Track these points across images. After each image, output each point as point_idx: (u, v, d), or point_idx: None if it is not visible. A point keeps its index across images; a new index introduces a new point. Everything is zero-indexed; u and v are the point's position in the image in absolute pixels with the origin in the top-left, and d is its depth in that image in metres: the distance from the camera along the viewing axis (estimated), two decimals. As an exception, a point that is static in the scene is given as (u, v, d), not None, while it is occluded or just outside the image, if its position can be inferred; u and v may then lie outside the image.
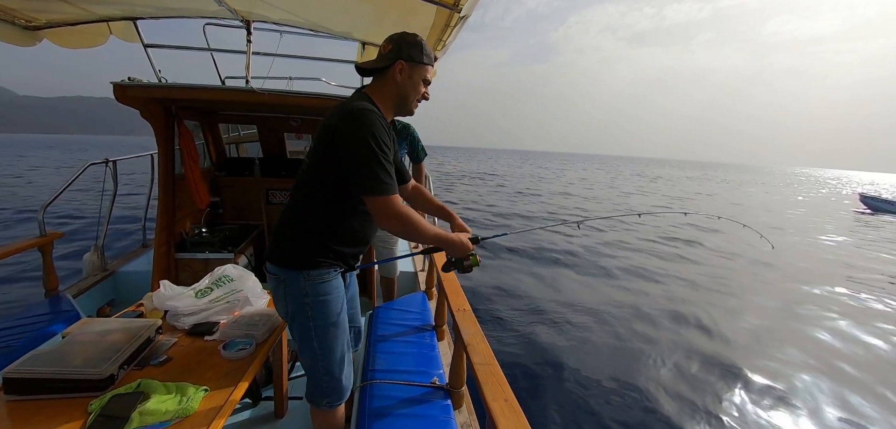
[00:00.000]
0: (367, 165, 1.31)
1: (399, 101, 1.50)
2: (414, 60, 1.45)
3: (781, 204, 24.63)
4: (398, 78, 1.45)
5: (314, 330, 1.47)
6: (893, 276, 9.12)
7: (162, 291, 1.86)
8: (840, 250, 11.79)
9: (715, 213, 8.60)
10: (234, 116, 4.18)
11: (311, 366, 1.54)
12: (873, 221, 18.85)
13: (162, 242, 3.13)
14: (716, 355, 4.92)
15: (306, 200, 1.46)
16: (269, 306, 2.02)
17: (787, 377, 4.52)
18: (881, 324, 6.25)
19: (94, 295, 3.21)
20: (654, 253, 9.94)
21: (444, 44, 2.82)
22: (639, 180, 39.26)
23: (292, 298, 1.46)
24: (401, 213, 1.37)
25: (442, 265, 1.69)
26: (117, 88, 2.66)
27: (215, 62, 3.87)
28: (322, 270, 1.46)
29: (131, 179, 12.20)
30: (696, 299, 6.87)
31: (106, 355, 1.39)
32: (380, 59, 1.48)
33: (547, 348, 4.92)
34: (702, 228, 13.01)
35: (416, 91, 1.51)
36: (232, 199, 4.08)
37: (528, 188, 25.29)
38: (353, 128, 1.32)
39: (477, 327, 1.82)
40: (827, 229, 15.48)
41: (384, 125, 1.38)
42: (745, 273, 8.76)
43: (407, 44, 1.45)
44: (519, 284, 7.02)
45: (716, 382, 4.34)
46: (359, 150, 1.31)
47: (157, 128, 3.06)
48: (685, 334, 5.48)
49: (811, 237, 13.56)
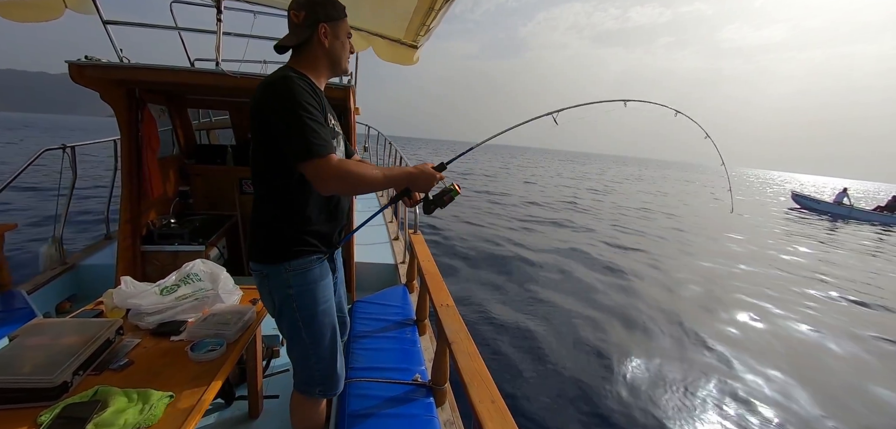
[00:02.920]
0: (291, 129, 1.24)
1: (331, 64, 1.46)
2: (333, 18, 1.41)
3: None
4: (325, 42, 1.40)
5: (302, 321, 1.42)
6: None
7: (123, 288, 1.73)
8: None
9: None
10: (204, 101, 3.98)
11: (301, 358, 1.49)
12: (799, 217, 20.92)
13: (126, 234, 2.95)
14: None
15: (267, 188, 1.39)
16: (242, 303, 1.92)
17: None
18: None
19: (51, 290, 3.01)
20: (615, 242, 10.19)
21: (427, 28, 2.72)
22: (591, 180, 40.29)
23: (277, 292, 1.41)
24: (340, 170, 1.25)
25: (422, 207, 1.57)
26: (73, 68, 2.46)
27: (183, 42, 3.66)
28: (303, 259, 1.39)
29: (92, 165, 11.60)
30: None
31: (58, 359, 1.27)
32: (297, 30, 1.40)
33: (527, 341, 4.95)
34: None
35: (345, 48, 1.47)
36: (203, 188, 3.89)
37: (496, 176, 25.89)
38: (272, 99, 1.27)
39: (461, 323, 1.78)
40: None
41: (306, 87, 1.30)
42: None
43: (320, 4, 1.39)
44: (476, 292, 6.96)
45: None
46: (282, 118, 1.25)
47: (119, 112, 2.86)
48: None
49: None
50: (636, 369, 4.53)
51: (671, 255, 10.04)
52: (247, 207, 3.93)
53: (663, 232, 13.00)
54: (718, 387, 4.35)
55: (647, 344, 5.16)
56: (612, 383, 4.22)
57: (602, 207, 17.74)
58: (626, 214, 16.24)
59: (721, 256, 10.27)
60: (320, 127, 1.27)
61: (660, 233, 12.80)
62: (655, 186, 34.65)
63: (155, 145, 3.13)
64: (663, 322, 5.85)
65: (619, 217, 15.16)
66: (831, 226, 18.56)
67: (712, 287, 7.67)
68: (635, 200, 21.94)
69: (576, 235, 11.21)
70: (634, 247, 10.39)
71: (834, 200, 23.00)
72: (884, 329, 6.49)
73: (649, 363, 4.66)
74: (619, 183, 33.19)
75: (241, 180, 3.89)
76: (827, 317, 6.84)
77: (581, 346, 4.94)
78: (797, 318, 6.61)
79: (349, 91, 2.80)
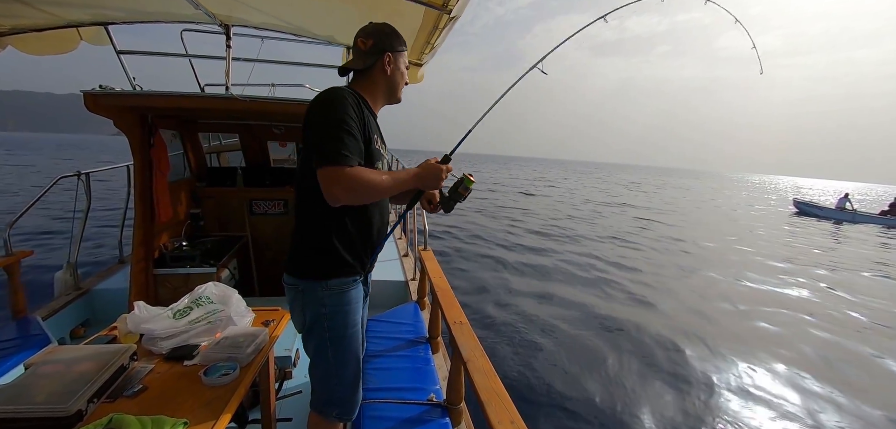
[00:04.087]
0: (318, 135, 1.25)
1: (389, 91, 1.51)
2: (397, 50, 1.48)
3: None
4: (388, 70, 1.46)
5: (330, 341, 1.43)
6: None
7: (137, 313, 1.73)
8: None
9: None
10: (214, 125, 4.04)
11: (323, 378, 1.49)
12: (798, 221, 21.22)
13: (139, 258, 2.97)
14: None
15: (310, 203, 1.39)
16: (254, 325, 1.91)
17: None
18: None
19: (66, 316, 3.03)
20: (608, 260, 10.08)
21: (432, 46, 2.75)
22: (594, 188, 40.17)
23: (310, 309, 1.41)
24: (349, 178, 1.23)
25: (443, 207, 1.56)
26: (88, 98, 2.51)
27: (194, 68, 3.73)
28: (341, 279, 1.40)
29: (106, 191, 11.81)
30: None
31: (73, 387, 1.26)
32: (363, 56, 1.45)
33: (538, 359, 4.87)
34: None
35: (403, 77, 1.53)
36: (213, 210, 3.93)
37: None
38: (315, 109, 1.30)
39: (476, 341, 1.75)
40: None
41: (352, 102, 1.31)
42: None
43: (387, 35, 1.46)
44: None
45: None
46: (314, 127, 1.27)
47: (132, 138, 2.91)
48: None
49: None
50: (675, 382, 4.42)
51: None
52: (256, 228, 3.95)
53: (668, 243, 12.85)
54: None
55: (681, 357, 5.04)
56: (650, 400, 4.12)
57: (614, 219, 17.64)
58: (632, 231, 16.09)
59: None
60: (347, 137, 1.26)
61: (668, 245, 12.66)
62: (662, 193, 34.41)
63: (165, 169, 3.18)
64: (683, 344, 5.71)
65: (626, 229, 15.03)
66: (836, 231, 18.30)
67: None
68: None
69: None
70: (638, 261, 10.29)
71: (836, 206, 22.78)
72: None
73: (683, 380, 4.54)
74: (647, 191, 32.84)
75: (251, 202, 3.92)
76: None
77: (601, 362, 4.84)
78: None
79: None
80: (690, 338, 5.56)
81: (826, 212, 23.28)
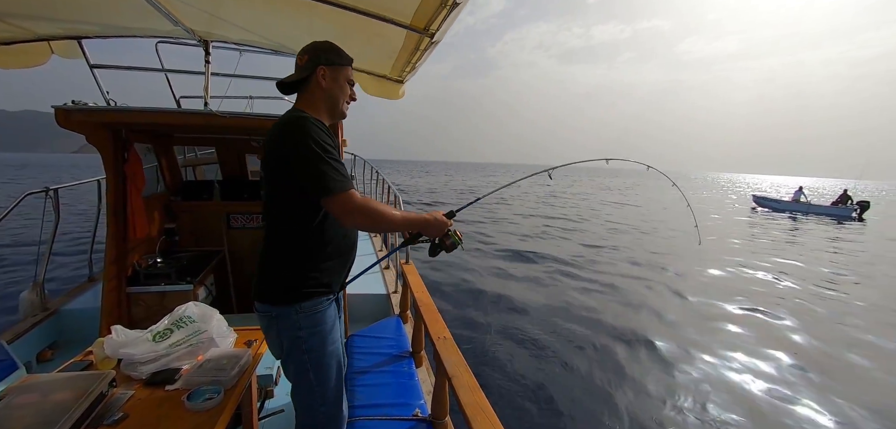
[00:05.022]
0: (315, 167, 1.28)
1: (330, 106, 1.51)
2: (333, 63, 1.48)
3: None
4: (323, 83, 1.46)
5: (310, 363, 1.43)
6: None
7: (114, 337, 1.69)
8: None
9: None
10: (191, 139, 3.97)
11: (306, 400, 1.49)
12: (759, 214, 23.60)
13: (111, 276, 2.88)
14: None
15: (279, 228, 1.41)
16: (236, 346, 1.89)
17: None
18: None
19: (32, 338, 2.91)
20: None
21: (412, 65, 2.79)
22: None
23: (286, 334, 1.41)
24: (363, 205, 1.33)
25: (429, 250, 1.62)
26: (60, 113, 2.44)
27: (170, 83, 3.67)
28: (313, 301, 1.41)
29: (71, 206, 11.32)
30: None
31: (51, 418, 1.23)
32: (299, 71, 1.48)
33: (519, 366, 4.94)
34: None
35: (344, 92, 1.52)
36: (189, 224, 3.84)
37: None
38: (290, 138, 1.32)
39: (459, 356, 1.78)
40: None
41: (322, 127, 1.36)
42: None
43: (323, 50, 1.48)
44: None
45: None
46: (302, 157, 1.29)
47: (105, 153, 2.83)
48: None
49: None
50: (650, 388, 4.56)
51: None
52: (234, 241, 3.89)
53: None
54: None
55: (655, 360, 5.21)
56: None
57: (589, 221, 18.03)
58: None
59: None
60: (339, 164, 1.32)
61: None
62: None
63: (140, 184, 3.10)
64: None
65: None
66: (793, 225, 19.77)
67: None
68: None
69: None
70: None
71: (792, 198, 24.75)
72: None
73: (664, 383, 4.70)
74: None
75: (229, 215, 3.86)
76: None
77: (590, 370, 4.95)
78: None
79: (337, 124, 2.84)
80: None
81: (782, 205, 25.31)
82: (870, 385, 4.87)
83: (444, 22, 1.81)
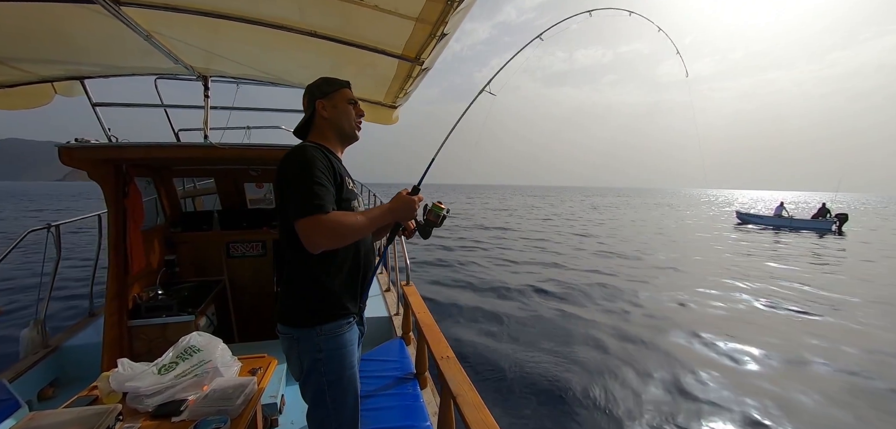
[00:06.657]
0: (293, 191, 1.33)
1: (338, 131, 1.58)
2: (327, 93, 1.56)
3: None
4: (325, 114, 1.55)
5: (328, 386, 1.44)
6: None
7: (120, 371, 1.71)
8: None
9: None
10: (190, 171, 4.01)
11: (322, 423, 1.49)
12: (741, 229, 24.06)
13: (113, 310, 2.88)
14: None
15: (295, 252, 1.43)
16: (241, 375, 1.90)
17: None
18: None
19: (33, 376, 2.89)
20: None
21: (405, 92, 2.86)
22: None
23: (306, 356, 1.43)
24: (329, 225, 1.29)
25: (420, 234, 1.62)
26: (63, 152, 2.49)
27: (169, 117, 3.73)
28: (335, 323, 1.44)
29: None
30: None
31: (59, 455, 1.24)
32: (304, 114, 1.60)
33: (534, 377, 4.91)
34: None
35: (347, 114, 1.58)
36: (189, 255, 3.85)
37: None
38: (287, 166, 1.38)
39: (463, 375, 1.79)
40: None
41: (319, 155, 1.41)
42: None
43: (316, 86, 1.58)
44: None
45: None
46: (286, 183, 1.35)
47: (107, 189, 2.87)
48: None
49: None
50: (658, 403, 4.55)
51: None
52: (234, 270, 3.90)
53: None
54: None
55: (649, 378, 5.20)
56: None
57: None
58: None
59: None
60: (320, 188, 1.32)
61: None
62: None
63: (139, 219, 3.13)
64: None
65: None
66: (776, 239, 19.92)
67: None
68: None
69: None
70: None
71: (773, 213, 25.07)
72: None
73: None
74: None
75: (229, 244, 3.88)
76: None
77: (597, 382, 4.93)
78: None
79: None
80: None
81: (765, 220, 25.77)
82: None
83: (434, 51, 1.87)
